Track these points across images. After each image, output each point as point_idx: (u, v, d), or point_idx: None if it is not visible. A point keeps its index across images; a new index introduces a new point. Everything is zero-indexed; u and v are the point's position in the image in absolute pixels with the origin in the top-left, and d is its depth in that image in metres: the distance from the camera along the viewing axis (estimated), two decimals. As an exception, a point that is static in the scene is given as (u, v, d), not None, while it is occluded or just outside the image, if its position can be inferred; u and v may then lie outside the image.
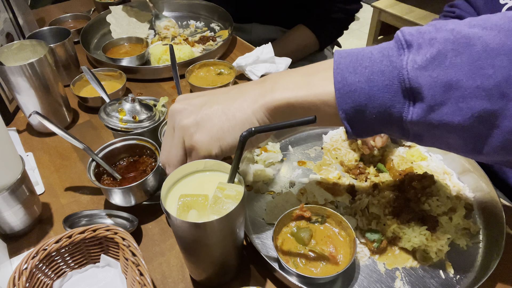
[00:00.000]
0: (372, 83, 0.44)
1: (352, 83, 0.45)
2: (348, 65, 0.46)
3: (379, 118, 0.46)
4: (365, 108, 0.45)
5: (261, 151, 0.85)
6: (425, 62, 0.41)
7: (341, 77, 0.46)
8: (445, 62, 0.41)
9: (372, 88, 0.44)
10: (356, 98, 0.45)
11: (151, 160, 0.76)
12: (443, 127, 0.43)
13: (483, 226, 0.71)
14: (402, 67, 0.42)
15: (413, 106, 0.43)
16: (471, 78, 0.40)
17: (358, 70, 0.45)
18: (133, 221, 0.71)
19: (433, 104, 0.42)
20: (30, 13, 1.23)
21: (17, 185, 0.66)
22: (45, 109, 0.90)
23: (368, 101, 0.45)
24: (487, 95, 0.39)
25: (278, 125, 0.60)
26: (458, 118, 0.41)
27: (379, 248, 0.66)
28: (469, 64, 0.40)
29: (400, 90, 0.43)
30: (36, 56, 0.88)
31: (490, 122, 0.41)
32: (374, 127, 0.48)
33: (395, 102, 0.44)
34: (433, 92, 0.41)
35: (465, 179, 0.79)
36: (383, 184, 0.75)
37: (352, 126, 0.48)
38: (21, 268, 0.55)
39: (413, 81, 0.42)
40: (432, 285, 0.63)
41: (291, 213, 0.67)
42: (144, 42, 1.25)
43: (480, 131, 0.42)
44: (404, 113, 0.44)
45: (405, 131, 0.46)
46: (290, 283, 0.60)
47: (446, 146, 0.47)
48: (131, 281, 0.58)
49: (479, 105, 0.40)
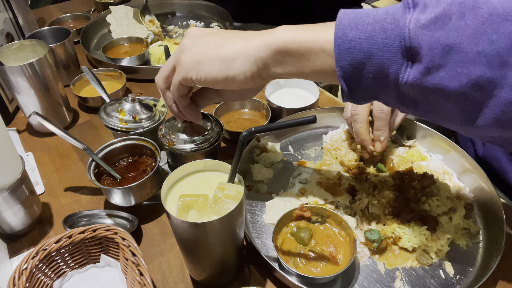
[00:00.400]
0: (373, 40, 0.43)
1: (353, 39, 0.44)
2: (350, 21, 0.45)
3: (376, 78, 0.45)
4: (363, 66, 0.44)
5: (261, 151, 0.85)
6: (428, 22, 0.40)
7: (342, 33, 0.45)
8: (448, 23, 0.40)
9: (372, 45, 0.43)
10: (355, 55, 0.44)
11: (151, 160, 0.76)
12: (438, 92, 0.42)
13: (483, 226, 0.71)
14: (405, 25, 0.41)
15: (411, 67, 0.42)
16: (472, 43, 0.39)
17: (360, 26, 0.44)
18: (133, 221, 0.71)
19: (431, 66, 0.41)
20: (30, 13, 1.23)
21: (17, 185, 0.66)
22: (45, 109, 0.90)
23: (367, 59, 0.44)
24: (487, 62, 0.38)
25: (278, 125, 0.60)
26: (454, 83, 0.40)
27: (379, 248, 0.66)
28: (473, 28, 0.39)
29: (400, 50, 0.42)
30: (36, 56, 0.88)
31: (487, 91, 0.40)
32: (370, 89, 0.47)
33: (393, 62, 0.43)
34: (432, 53, 0.40)
35: (465, 179, 0.79)
36: (383, 184, 0.75)
37: (348, 85, 0.47)
38: (21, 268, 0.55)
39: (413, 40, 0.41)
40: (432, 285, 0.63)
41: (291, 213, 0.67)
42: (144, 42, 1.25)
43: (476, 100, 0.41)
44: (401, 74, 0.43)
45: (400, 96, 0.45)
46: (290, 283, 0.60)
47: (441, 116, 0.46)
48: (131, 281, 0.58)
49: (477, 71, 0.39)
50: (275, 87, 1.00)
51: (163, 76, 0.62)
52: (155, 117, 0.81)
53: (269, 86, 0.98)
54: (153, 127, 0.80)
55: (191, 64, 0.56)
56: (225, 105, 0.94)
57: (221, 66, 0.54)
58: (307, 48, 0.49)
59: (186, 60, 0.56)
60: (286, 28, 0.51)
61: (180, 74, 0.58)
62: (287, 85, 1.02)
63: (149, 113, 0.81)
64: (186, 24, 1.44)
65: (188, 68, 0.56)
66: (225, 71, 0.54)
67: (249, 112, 0.97)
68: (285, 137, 0.91)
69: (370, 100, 0.50)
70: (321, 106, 1.00)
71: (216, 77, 0.55)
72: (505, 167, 0.84)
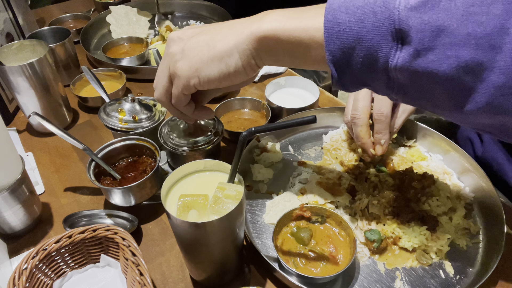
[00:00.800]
0: (362, 24, 0.43)
1: (343, 22, 0.44)
2: (341, 5, 0.44)
3: (365, 63, 0.44)
4: (352, 51, 0.44)
5: (261, 151, 0.85)
6: (418, 3, 0.40)
7: (332, 16, 0.44)
8: (438, 5, 0.39)
9: (362, 29, 0.43)
10: (344, 39, 0.44)
11: (151, 160, 0.76)
12: (428, 76, 0.41)
13: (483, 226, 0.71)
14: (394, 7, 0.41)
15: (400, 50, 0.41)
16: (462, 24, 0.38)
17: (351, 9, 0.43)
18: (133, 221, 0.71)
19: (420, 49, 0.40)
20: (30, 13, 1.23)
21: (17, 185, 0.66)
22: (45, 109, 0.90)
23: (356, 43, 0.43)
24: (476, 44, 0.38)
25: (278, 125, 0.60)
26: (444, 66, 0.40)
27: (379, 248, 0.66)
28: (462, 9, 0.38)
29: (389, 32, 0.41)
30: (36, 56, 0.88)
31: (476, 75, 0.39)
32: (360, 75, 0.46)
33: (383, 45, 0.42)
34: (421, 35, 0.40)
35: (465, 179, 0.79)
36: (383, 184, 0.75)
37: (338, 70, 0.47)
38: (21, 268, 0.55)
39: (403, 22, 0.40)
40: (432, 285, 0.63)
41: (291, 213, 0.67)
42: (144, 42, 1.25)
43: (465, 84, 0.40)
44: (391, 58, 0.42)
45: (390, 81, 0.45)
46: (290, 283, 0.60)
47: (431, 102, 0.45)
48: (131, 281, 0.58)
49: (466, 54, 0.38)
50: (275, 87, 1.00)
51: (162, 91, 0.61)
52: (155, 117, 0.81)
53: (269, 86, 0.98)
54: (153, 127, 0.80)
55: (190, 72, 0.55)
56: (225, 105, 0.94)
57: (220, 65, 0.53)
58: (297, 38, 0.48)
59: (183, 70, 0.55)
60: (275, 16, 0.50)
61: (181, 84, 0.57)
62: (287, 85, 1.02)
63: (149, 113, 0.81)
64: (186, 24, 1.44)
65: (188, 77, 0.55)
66: (225, 69, 0.54)
67: (249, 112, 0.97)
68: (285, 137, 0.91)
69: (360, 87, 0.49)
70: (321, 106, 1.00)
71: (218, 77, 0.54)
72: (504, 167, 0.84)
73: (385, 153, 0.84)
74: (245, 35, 0.51)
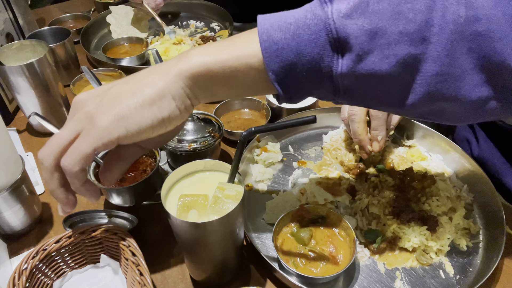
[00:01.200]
0: (299, 38, 0.42)
1: (279, 40, 0.43)
2: (272, 24, 0.44)
3: (309, 75, 0.44)
4: (294, 66, 0.43)
5: (261, 151, 0.85)
6: (349, 10, 0.41)
7: (267, 36, 0.43)
8: (367, 9, 0.41)
9: (300, 44, 0.42)
10: (284, 56, 0.43)
11: (151, 160, 0.76)
12: (371, 77, 0.42)
13: (483, 226, 0.71)
14: (328, 17, 0.41)
15: (342, 58, 0.42)
16: (393, 24, 0.40)
17: (283, 26, 0.43)
18: (133, 221, 0.70)
19: (361, 54, 0.41)
20: (30, 13, 1.23)
21: (17, 185, 0.66)
22: (45, 109, 0.90)
23: (297, 58, 0.43)
24: (409, 40, 0.40)
25: (278, 125, 0.60)
26: (385, 65, 0.41)
27: (379, 248, 0.66)
28: (390, 10, 0.40)
29: (328, 43, 0.42)
30: (36, 56, 0.88)
31: (413, 68, 0.41)
32: (305, 87, 0.46)
33: (324, 55, 0.43)
34: (360, 40, 0.41)
35: (465, 179, 0.79)
36: (383, 184, 0.75)
37: (283, 88, 0.45)
38: (21, 268, 0.55)
39: (340, 31, 0.41)
40: (432, 285, 0.63)
41: (291, 213, 0.67)
42: (144, 42, 1.25)
43: (406, 79, 0.42)
44: (334, 66, 0.43)
45: (335, 87, 0.45)
46: (290, 283, 0.60)
47: (376, 101, 0.46)
48: (131, 281, 0.58)
49: (403, 50, 0.40)
50: (275, 87, 1.00)
51: (56, 150, 0.47)
52: (155, 117, 0.81)
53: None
54: (153, 127, 0.80)
55: (113, 123, 0.45)
56: (225, 105, 0.94)
57: (151, 110, 0.46)
58: (232, 67, 0.46)
59: (105, 121, 0.45)
60: (204, 51, 0.47)
61: (97, 138, 0.45)
62: (287, 85, 1.02)
63: (149, 113, 0.81)
64: (186, 24, 1.44)
65: (111, 129, 0.45)
66: (158, 114, 0.46)
67: (249, 112, 0.97)
68: (285, 137, 0.91)
69: (305, 97, 0.49)
70: (321, 106, 1.00)
71: (151, 124, 0.46)
72: (500, 167, 0.84)
73: (384, 152, 0.84)
74: (173, 73, 0.46)
